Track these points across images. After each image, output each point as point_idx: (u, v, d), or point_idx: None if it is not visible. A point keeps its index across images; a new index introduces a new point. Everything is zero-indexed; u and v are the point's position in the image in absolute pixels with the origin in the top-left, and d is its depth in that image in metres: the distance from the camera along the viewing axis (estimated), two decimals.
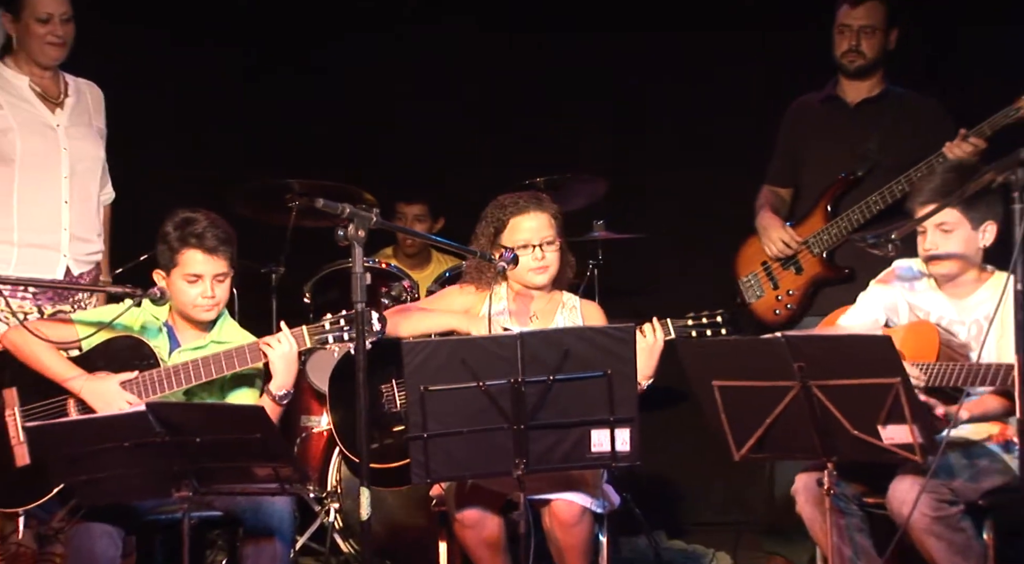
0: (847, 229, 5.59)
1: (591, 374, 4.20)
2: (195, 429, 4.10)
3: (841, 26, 5.71)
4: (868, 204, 5.54)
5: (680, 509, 6.91)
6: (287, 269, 6.06)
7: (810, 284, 5.69)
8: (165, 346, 4.67)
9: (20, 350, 4.61)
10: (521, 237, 4.88)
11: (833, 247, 5.65)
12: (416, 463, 4.24)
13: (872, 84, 5.74)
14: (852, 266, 5.58)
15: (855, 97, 5.76)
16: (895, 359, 4.12)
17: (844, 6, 5.70)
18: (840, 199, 5.64)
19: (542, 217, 4.91)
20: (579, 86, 6.98)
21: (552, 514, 4.58)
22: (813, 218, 5.70)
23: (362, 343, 4.25)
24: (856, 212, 5.57)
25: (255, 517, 4.49)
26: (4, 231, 5.08)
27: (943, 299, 4.69)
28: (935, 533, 4.36)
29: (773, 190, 5.90)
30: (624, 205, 6.35)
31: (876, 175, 5.58)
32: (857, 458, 4.36)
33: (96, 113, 5.31)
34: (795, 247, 5.69)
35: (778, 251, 5.71)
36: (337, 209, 4.31)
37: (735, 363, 4.25)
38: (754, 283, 5.79)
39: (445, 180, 5.11)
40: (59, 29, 5.12)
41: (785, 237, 5.70)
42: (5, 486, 4.55)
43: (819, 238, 5.67)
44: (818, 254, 5.68)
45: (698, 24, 6.75)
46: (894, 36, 5.70)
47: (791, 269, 5.72)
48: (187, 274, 4.62)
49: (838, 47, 5.72)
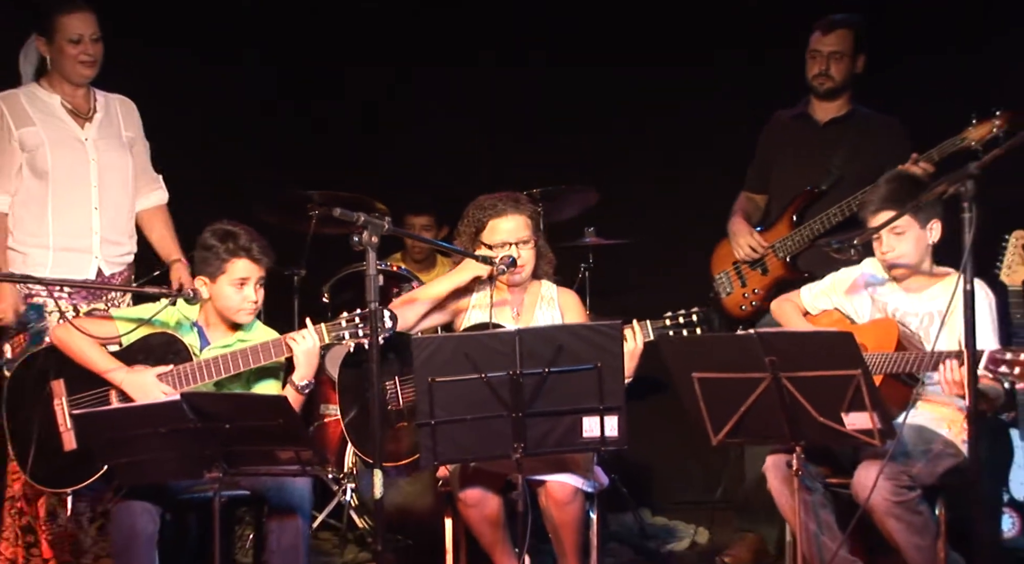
0: (809, 237, 5.61)
1: (583, 367, 4.20)
2: (224, 417, 4.12)
3: (813, 51, 5.70)
4: (828, 216, 5.55)
5: (663, 489, 6.89)
6: (308, 271, 6.07)
7: (774, 284, 5.68)
8: (196, 342, 4.68)
9: (66, 345, 4.62)
10: (499, 238, 4.84)
11: (796, 252, 5.65)
12: (424, 447, 4.24)
13: (840, 104, 5.74)
14: (812, 270, 5.58)
15: (824, 116, 5.76)
16: (856, 353, 4.13)
17: (816, 33, 5.70)
18: (805, 210, 5.64)
19: (519, 219, 4.87)
20: (572, 107, 6.96)
21: (547, 494, 4.58)
22: (780, 225, 5.71)
23: (375, 339, 4.25)
24: (817, 223, 5.58)
25: (279, 496, 4.50)
26: (40, 237, 5.08)
27: (901, 293, 4.73)
28: (895, 515, 4.38)
29: (749, 196, 5.89)
30: (613, 214, 6.34)
31: (839, 189, 5.58)
32: (822, 442, 4.38)
33: (127, 125, 5.28)
34: (761, 252, 5.69)
35: (745, 255, 5.72)
36: (353, 217, 4.30)
37: (713, 357, 4.27)
38: (725, 280, 5.80)
39: (449, 194, 5.12)
40: (89, 48, 5.11)
41: (752, 242, 5.71)
42: (55, 469, 4.57)
43: (784, 244, 5.68)
44: (782, 258, 5.68)
45: (680, 48, 6.75)
46: (861, 61, 5.70)
47: (758, 270, 5.73)
48: (235, 280, 4.62)
49: (809, 70, 5.72)
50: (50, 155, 5.09)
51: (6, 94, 5.15)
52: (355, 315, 4.57)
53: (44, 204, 5.09)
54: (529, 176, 6.07)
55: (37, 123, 5.11)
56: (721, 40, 6.67)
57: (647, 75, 6.80)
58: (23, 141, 5.07)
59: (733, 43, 6.58)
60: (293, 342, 4.60)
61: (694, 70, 6.67)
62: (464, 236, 4.92)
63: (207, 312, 4.72)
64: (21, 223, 5.08)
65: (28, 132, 5.08)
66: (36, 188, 5.08)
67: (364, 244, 4.27)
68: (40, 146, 5.08)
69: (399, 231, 4.89)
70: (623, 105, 6.90)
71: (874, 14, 6.00)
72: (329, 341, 4.63)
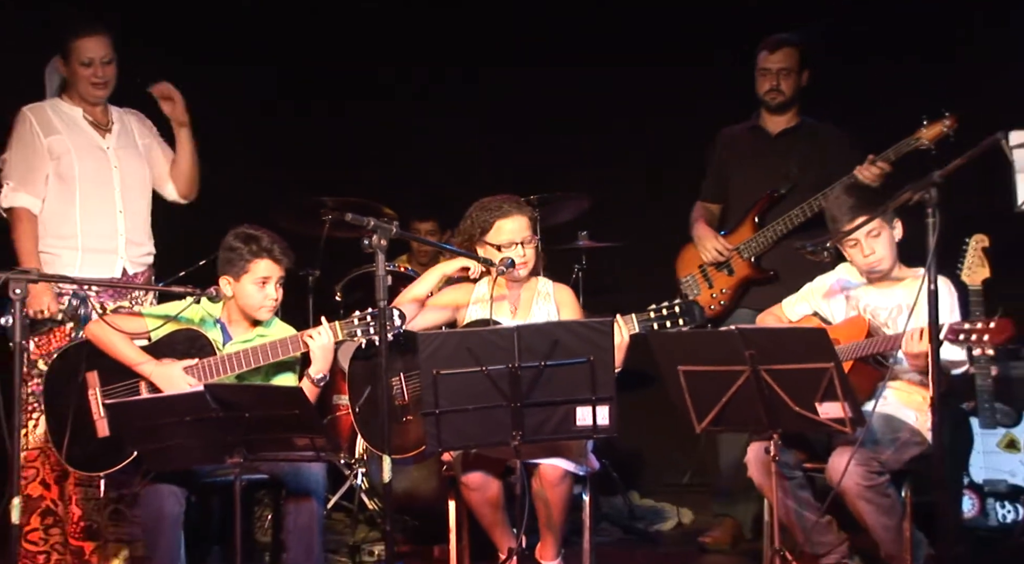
0: (772, 238, 5.61)
1: (576, 360, 4.21)
2: (245, 407, 4.12)
3: (762, 69, 5.72)
4: (791, 217, 5.55)
5: (650, 473, 6.90)
6: (322, 272, 6.06)
7: (740, 284, 5.67)
8: (219, 338, 4.68)
9: (100, 340, 4.63)
10: (506, 237, 4.81)
11: (760, 253, 5.65)
12: (430, 435, 4.25)
13: (789, 117, 5.76)
14: (776, 269, 5.60)
15: (775, 128, 5.77)
16: (829, 348, 4.15)
17: (763, 52, 5.72)
18: (766, 213, 5.65)
19: (522, 219, 4.85)
20: (566, 118, 6.96)
21: (539, 476, 4.57)
22: (743, 228, 5.70)
23: (384, 336, 4.28)
24: (780, 224, 5.59)
25: (295, 480, 4.50)
26: (69, 239, 5.07)
27: (872, 290, 4.74)
28: (865, 498, 4.39)
29: (706, 205, 5.88)
30: (604, 218, 6.35)
31: (796, 193, 5.60)
32: (798, 430, 4.41)
33: (140, 133, 5.28)
34: (727, 254, 5.68)
35: (712, 258, 5.69)
36: (363, 222, 4.34)
37: (697, 351, 4.28)
38: (692, 283, 5.76)
39: (451, 201, 5.13)
40: (100, 71, 5.10)
41: (718, 246, 5.69)
42: (89, 454, 4.57)
43: (748, 245, 5.66)
44: (747, 258, 5.67)
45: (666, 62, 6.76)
46: (806, 76, 5.72)
47: (724, 271, 5.71)
48: (257, 279, 4.63)
49: (760, 87, 5.73)
50: (76, 162, 5.10)
51: (33, 106, 5.15)
52: (366, 313, 4.57)
53: (72, 209, 5.09)
54: (526, 182, 6.07)
55: (63, 132, 5.11)
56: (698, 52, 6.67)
57: (639, 87, 6.79)
58: (51, 148, 5.08)
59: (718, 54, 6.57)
60: (309, 338, 4.61)
61: (683, 82, 6.66)
62: (465, 235, 4.88)
63: (229, 309, 4.73)
64: (51, 227, 5.08)
65: (56, 140, 5.09)
66: (63, 193, 5.08)
67: (374, 247, 4.30)
68: (67, 154, 5.09)
69: (406, 235, 4.89)
70: (614, 116, 6.89)
71: (828, 25, 6.08)
72: (342, 337, 4.63)
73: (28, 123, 5.09)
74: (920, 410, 4.59)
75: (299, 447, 4.22)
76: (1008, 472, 5.33)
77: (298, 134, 7.08)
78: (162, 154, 5.32)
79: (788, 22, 5.94)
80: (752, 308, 5.56)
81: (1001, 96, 6.04)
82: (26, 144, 5.08)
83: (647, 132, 6.84)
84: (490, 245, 4.83)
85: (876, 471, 4.39)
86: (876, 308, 4.69)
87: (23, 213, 5.05)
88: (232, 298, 4.68)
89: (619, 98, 6.88)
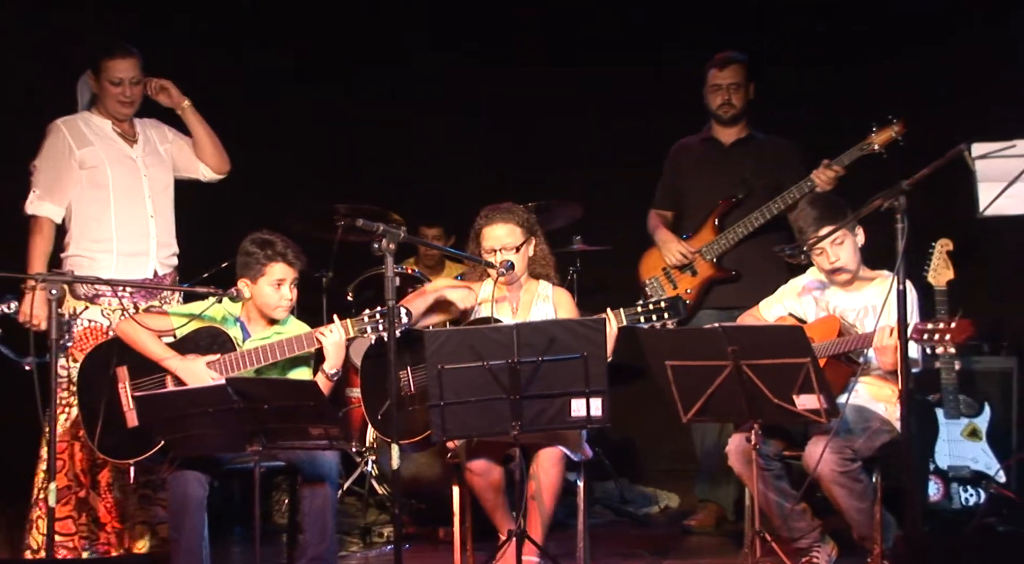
0: (733, 239, 5.60)
1: (571, 356, 4.21)
2: (264, 399, 4.13)
3: (713, 86, 5.72)
4: (750, 220, 5.56)
5: (640, 460, 6.89)
6: (334, 273, 6.03)
7: (703, 284, 5.65)
8: (239, 335, 4.68)
9: (129, 337, 4.63)
10: (488, 244, 4.82)
11: (722, 254, 5.64)
12: (435, 425, 4.25)
13: (740, 128, 5.76)
14: (736, 269, 5.60)
15: (728, 139, 5.77)
16: (806, 344, 4.17)
17: (713, 70, 5.72)
18: (724, 217, 5.65)
19: (507, 227, 4.82)
20: (561, 132, 6.96)
21: (537, 458, 4.57)
22: (704, 231, 5.68)
23: (392, 332, 4.28)
24: (741, 227, 5.59)
25: (310, 466, 4.50)
26: (104, 242, 5.06)
27: (841, 293, 4.75)
28: (839, 483, 4.40)
29: (660, 213, 5.86)
30: (596, 224, 6.35)
31: (751, 198, 5.62)
32: (777, 421, 4.42)
33: (160, 140, 5.25)
34: (690, 257, 5.67)
35: (677, 260, 5.67)
36: (373, 227, 4.34)
37: (683, 348, 4.29)
38: (656, 285, 5.73)
39: (456, 208, 5.13)
40: (127, 90, 5.09)
41: (682, 249, 5.66)
42: (119, 443, 4.58)
43: (710, 247, 5.64)
44: (709, 260, 5.64)
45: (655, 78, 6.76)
46: (752, 89, 5.73)
47: (688, 272, 5.69)
48: (273, 281, 4.63)
49: (713, 102, 5.73)
50: (110, 171, 5.09)
51: (66, 119, 5.14)
52: (375, 312, 4.57)
53: (107, 215, 5.07)
54: (526, 191, 6.07)
55: (95, 143, 5.10)
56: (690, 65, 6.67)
57: (630, 101, 6.80)
58: (84, 159, 5.07)
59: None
60: (322, 335, 4.61)
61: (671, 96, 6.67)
62: (472, 243, 4.91)
63: (248, 309, 4.73)
64: (87, 232, 5.06)
65: (89, 151, 5.08)
66: (98, 201, 5.07)
67: (383, 250, 4.29)
68: (101, 164, 5.08)
69: (412, 239, 4.90)
70: (606, 129, 6.90)
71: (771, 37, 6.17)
72: (354, 334, 4.63)
73: (61, 135, 5.08)
74: (889, 402, 4.60)
75: (314, 436, 4.22)
76: (971, 459, 5.35)
77: (312, 145, 7.07)
78: (185, 144, 5.29)
79: (784, 29, 5.95)
80: (716, 307, 5.58)
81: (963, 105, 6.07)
82: (57, 155, 5.07)
83: (636, 145, 6.84)
84: (483, 250, 4.83)
85: (849, 458, 4.41)
86: (844, 309, 4.70)
87: (44, 222, 5.04)
88: (250, 298, 4.68)
89: (611, 112, 6.88)
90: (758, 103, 5.80)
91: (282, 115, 6.97)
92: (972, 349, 5.74)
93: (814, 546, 4.58)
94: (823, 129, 6.14)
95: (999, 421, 5.45)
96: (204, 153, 5.29)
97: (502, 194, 5.06)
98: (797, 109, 6.34)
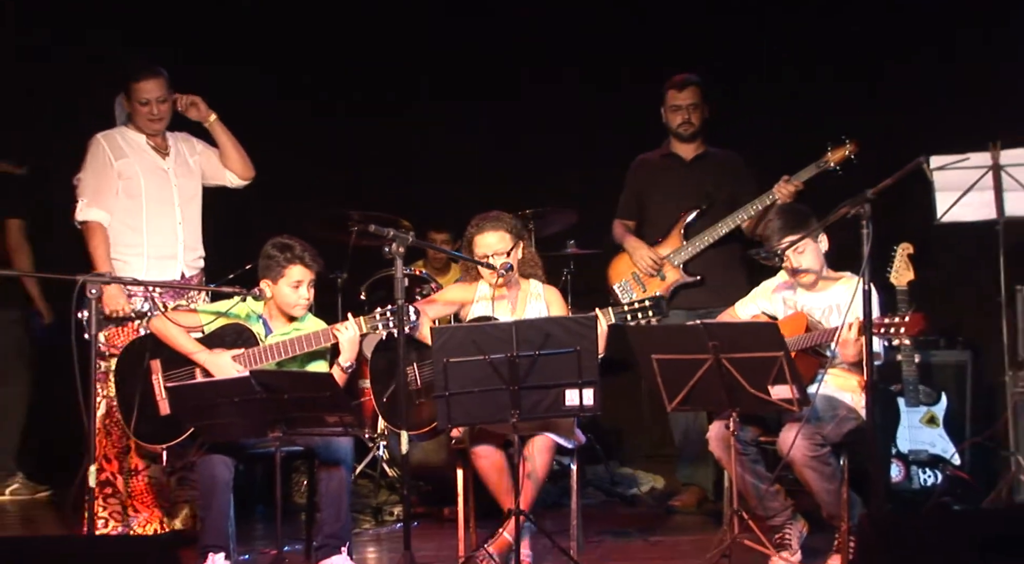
0: (699, 247, 5.59)
1: (565, 350, 4.22)
2: (284, 389, 4.14)
3: (673, 106, 5.69)
4: (716, 228, 5.55)
5: (628, 446, 6.88)
6: (348, 275, 6.02)
7: (671, 287, 5.62)
8: (262, 331, 4.68)
9: (161, 333, 4.64)
10: (480, 250, 4.81)
11: (687, 260, 5.62)
12: (441, 413, 4.27)
13: (697, 145, 5.74)
14: (701, 273, 5.59)
15: (687, 154, 5.74)
16: (780, 339, 4.17)
17: (671, 91, 5.69)
18: (690, 226, 5.62)
19: (496, 234, 4.80)
20: (557, 145, 6.96)
21: (531, 444, 4.56)
22: (671, 239, 5.65)
23: (402, 328, 4.30)
24: (707, 234, 5.57)
25: (327, 451, 4.50)
26: (136, 246, 5.07)
27: (807, 294, 4.74)
28: (810, 466, 4.40)
29: (624, 222, 5.82)
30: (589, 229, 6.34)
31: (712, 208, 5.61)
32: (754, 410, 4.41)
33: (189, 152, 5.26)
34: (659, 263, 5.64)
35: (648, 265, 5.63)
36: (384, 232, 4.35)
37: (668, 343, 4.29)
38: (626, 288, 5.69)
39: (463, 214, 5.14)
40: (155, 109, 5.10)
41: (653, 255, 5.63)
42: (153, 430, 4.59)
43: (677, 253, 5.61)
44: (677, 265, 5.62)
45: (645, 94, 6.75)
46: (707, 109, 5.71)
47: (657, 277, 5.64)
48: (292, 282, 4.63)
49: (673, 121, 5.70)
50: (143, 182, 5.10)
51: (105, 133, 5.15)
52: (386, 310, 4.57)
53: (139, 221, 5.08)
54: (524, 199, 6.09)
55: (131, 156, 5.11)
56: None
57: (620, 116, 6.79)
58: (121, 171, 5.08)
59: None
60: (338, 332, 4.61)
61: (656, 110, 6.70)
62: (464, 250, 4.91)
63: (270, 307, 4.73)
64: (121, 237, 5.08)
65: (125, 163, 5.09)
66: (132, 209, 5.08)
67: (393, 253, 4.31)
68: (135, 176, 5.09)
69: (419, 243, 4.88)
70: (599, 141, 6.90)
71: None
72: (366, 331, 4.63)
73: (101, 148, 5.10)
74: (855, 392, 4.60)
75: (330, 423, 4.23)
76: (929, 443, 5.35)
77: (328, 156, 7.08)
78: (212, 154, 5.29)
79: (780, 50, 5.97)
80: (683, 308, 5.55)
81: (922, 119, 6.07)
82: (98, 166, 5.08)
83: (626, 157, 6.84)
84: (476, 257, 4.82)
85: (819, 443, 4.41)
86: (811, 308, 4.70)
87: (96, 226, 5.06)
88: (272, 298, 4.69)
89: (603, 126, 6.88)
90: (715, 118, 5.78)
91: (302, 130, 6.98)
92: (930, 344, 5.75)
93: (787, 523, 4.58)
94: (775, 144, 6.13)
95: (955, 409, 5.46)
96: (230, 161, 5.29)
97: (503, 201, 5.06)
98: (754, 122, 6.33)
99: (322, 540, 4.48)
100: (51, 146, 6.22)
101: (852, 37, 6.38)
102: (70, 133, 5.50)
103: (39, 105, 6.59)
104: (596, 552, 4.83)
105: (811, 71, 6.49)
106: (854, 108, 6.29)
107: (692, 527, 5.40)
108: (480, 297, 4.90)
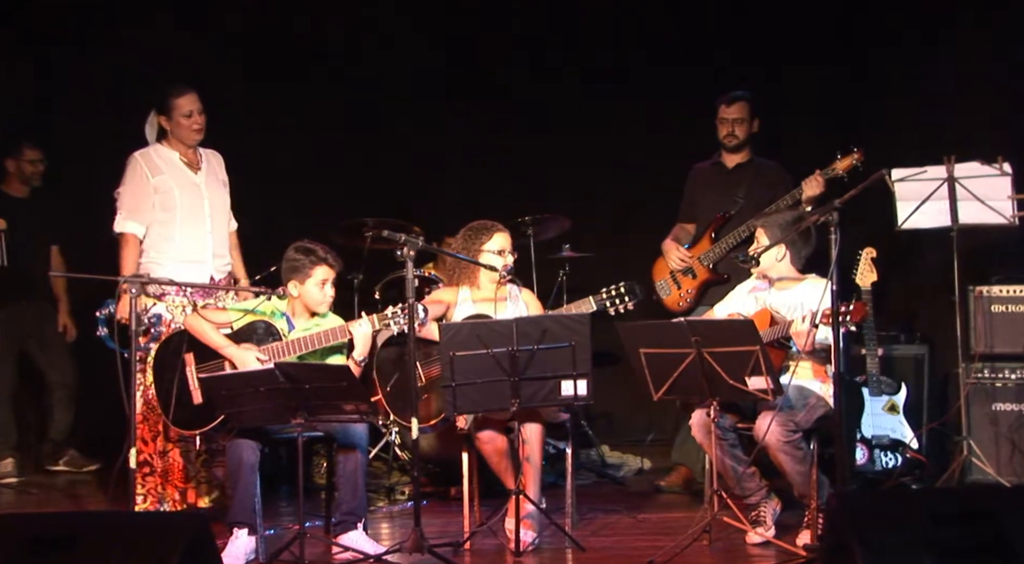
0: (725, 249, 5.59)
1: (561, 345, 4.24)
2: (305, 380, 4.14)
3: (721, 118, 5.69)
4: (737, 233, 5.55)
5: (618, 431, 6.86)
6: (364, 276, 6.01)
7: (701, 285, 5.65)
8: (285, 327, 4.67)
9: (195, 329, 4.64)
10: (497, 246, 4.81)
11: (716, 261, 5.63)
12: (447, 402, 4.28)
13: (743, 155, 5.72)
14: (728, 273, 5.60)
15: (731, 163, 5.74)
16: (756, 335, 4.19)
17: (722, 105, 5.69)
18: (720, 229, 5.64)
19: (503, 236, 4.85)
20: (555, 155, 6.94)
21: (524, 432, 4.52)
22: (703, 242, 5.67)
23: (412, 325, 4.29)
24: (731, 238, 5.58)
25: (344, 436, 4.49)
26: (170, 253, 5.07)
27: (776, 293, 4.74)
28: (784, 450, 4.40)
29: (683, 226, 5.83)
30: (582, 234, 6.34)
31: (742, 213, 5.60)
32: (732, 399, 4.42)
33: (220, 171, 5.26)
34: (688, 262, 5.65)
35: (678, 265, 5.67)
36: (397, 237, 4.36)
37: (655, 338, 4.31)
38: (665, 286, 5.74)
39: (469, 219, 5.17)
40: (197, 120, 5.10)
41: (681, 255, 5.67)
42: (188, 416, 4.59)
43: (707, 255, 5.64)
44: (706, 265, 5.64)
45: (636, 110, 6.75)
46: (756, 123, 5.69)
47: (689, 275, 5.70)
48: (318, 281, 4.61)
49: (720, 132, 5.70)
50: (178, 195, 5.10)
51: (141, 152, 5.14)
52: (398, 308, 4.54)
53: (173, 231, 5.08)
54: (523, 206, 6.08)
55: (166, 172, 5.11)
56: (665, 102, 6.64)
57: (613, 128, 6.78)
58: (157, 186, 5.07)
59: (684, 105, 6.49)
60: (352, 328, 4.60)
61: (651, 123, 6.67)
62: (462, 245, 4.87)
63: (293, 305, 4.72)
64: (156, 245, 5.08)
65: (161, 179, 5.09)
66: (166, 220, 5.08)
67: (405, 256, 4.30)
68: (170, 190, 5.09)
69: (429, 247, 4.89)
70: (593, 152, 6.89)
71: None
72: (379, 327, 4.61)
73: (138, 165, 5.09)
74: (824, 382, 4.60)
75: (347, 411, 4.23)
76: (890, 429, 5.36)
77: (346, 167, 7.05)
78: (227, 194, 5.29)
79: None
80: (711, 304, 5.53)
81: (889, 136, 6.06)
82: (136, 182, 5.08)
83: (618, 166, 6.84)
84: (489, 251, 4.80)
85: (792, 429, 4.41)
86: (778, 305, 4.70)
87: (130, 237, 5.05)
88: (297, 297, 4.68)
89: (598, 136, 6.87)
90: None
91: (322, 143, 6.96)
92: (891, 339, 5.76)
93: (762, 502, 4.58)
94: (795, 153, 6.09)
95: (913, 398, 5.46)
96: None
97: (505, 208, 5.05)
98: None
99: (340, 516, 4.48)
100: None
101: (823, 76, 6.34)
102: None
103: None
104: (588, 528, 4.83)
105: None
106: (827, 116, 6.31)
107: (677, 505, 5.38)
108: (463, 300, 4.90)
